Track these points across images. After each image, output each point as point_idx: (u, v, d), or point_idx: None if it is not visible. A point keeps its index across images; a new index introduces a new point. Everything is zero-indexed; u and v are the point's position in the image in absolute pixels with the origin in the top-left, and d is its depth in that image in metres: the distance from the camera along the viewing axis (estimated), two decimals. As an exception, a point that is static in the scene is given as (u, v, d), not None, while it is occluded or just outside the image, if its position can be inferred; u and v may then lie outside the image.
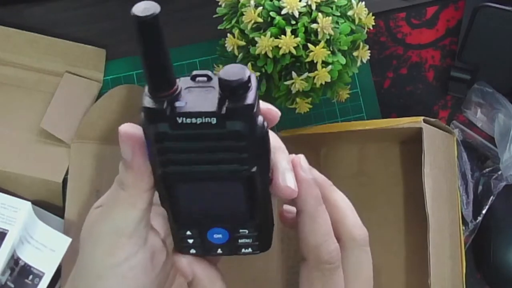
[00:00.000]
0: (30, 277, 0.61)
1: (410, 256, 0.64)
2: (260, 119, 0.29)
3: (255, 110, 0.28)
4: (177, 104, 0.28)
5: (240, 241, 0.33)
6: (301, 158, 0.34)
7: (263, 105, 0.31)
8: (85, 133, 0.68)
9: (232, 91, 0.27)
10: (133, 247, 0.32)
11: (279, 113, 0.32)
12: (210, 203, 0.31)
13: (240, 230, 0.32)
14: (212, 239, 0.32)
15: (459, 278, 0.58)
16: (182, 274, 0.34)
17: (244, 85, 0.28)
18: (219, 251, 0.33)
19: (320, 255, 0.33)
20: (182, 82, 0.29)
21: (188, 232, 0.32)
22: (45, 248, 0.62)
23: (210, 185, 0.30)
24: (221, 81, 0.27)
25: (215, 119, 0.28)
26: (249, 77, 0.28)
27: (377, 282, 0.66)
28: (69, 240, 0.62)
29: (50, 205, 0.66)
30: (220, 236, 0.32)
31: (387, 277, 0.65)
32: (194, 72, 0.29)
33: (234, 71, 0.27)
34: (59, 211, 0.66)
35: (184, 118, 0.28)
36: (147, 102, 0.28)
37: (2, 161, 0.66)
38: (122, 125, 0.31)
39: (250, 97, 0.28)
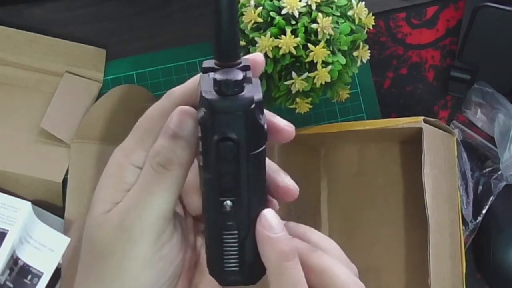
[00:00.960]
0: (29, 277, 0.61)
1: (410, 256, 0.64)
2: (264, 117, 0.31)
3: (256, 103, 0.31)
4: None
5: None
6: (267, 215, 0.31)
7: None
8: (85, 133, 0.68)
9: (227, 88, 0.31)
10: (172, 228, 0.32)
11: (262, 58, 0.33)
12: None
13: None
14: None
15: (459, 278, 0.58)
16: None
17: (239, 83, 0.31)
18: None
19: None
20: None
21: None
22: (44, 248, 0.62)
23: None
24: (216, 82, 0.31)
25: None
26: (244, 76, 0.31)
27: (377, 282, 0.66)
28: (68, 240, 0.62)
29: (50, 205, 0.66)
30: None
31: (387, 277, 0.65)
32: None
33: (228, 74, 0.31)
34: (59, 211, 0.66)
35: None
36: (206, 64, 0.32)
37: (2, 161, 0.66)
38: (181, 106, 0.32)
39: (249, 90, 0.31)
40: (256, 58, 0.33)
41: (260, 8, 0.56)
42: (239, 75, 0.30)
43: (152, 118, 0.33)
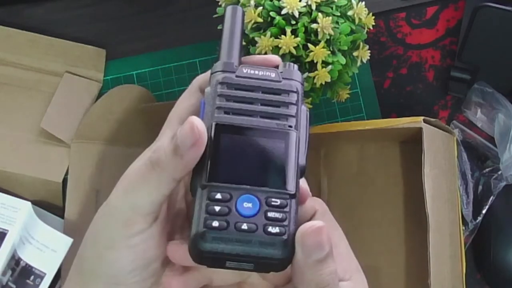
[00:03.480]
0: (32, 277, 0.61)
1: (410, 256, 0.64)
2: (304, 106, 0.35)
3: (303, 84, 0.35)
4: (243, 65, 0.35)
5: (269, 214, 0.31)
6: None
7: None
8: (85, 133, 0.68)
9: (288, 66, 0.36)
10: (147, 223, 0.33)
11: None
12: (249, 163, 0.32)
13: (272, 200, 0.32)
14: (241, 209, 0.31)
15: (459, 278, 0.58)
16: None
17: (295, 67, 0.36)
18: (244, 226, 0.31)
19: None
20: None
21: (218, 196, 0.31)
22: (46, 248, 0.62)
23: (254, 140, 0.33)
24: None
25: (274, 73, 0.35)
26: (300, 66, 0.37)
27: (377, 282, 0.66)
28: (71, 240, 0.62)
29: (50, 205, 0.66)
30: (250, 205, 0.31)
31: (387, 277, 0.65)
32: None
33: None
34: (59, 211, 0.66)
35: (248, 69, 0.34)
36: (221, 59, 0.36)
37: (2, 161, 0.66)
38: (192, 117, 0.32)
39: (300, 75, 0.36)
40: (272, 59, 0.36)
41: (260, 8, 0.56)
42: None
43: (180, 102, 0.36)
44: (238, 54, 0.36)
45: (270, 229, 0.31)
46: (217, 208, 0.31)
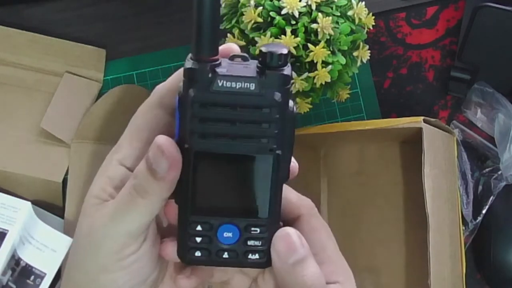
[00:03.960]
0: (32, 277, 0.61)
1: (410, 256, 0.64)
2: (291, 102, 0.30)
3: (290, 85, 0.30)
4: (218, 69, 0.30)
5: (249, 242, 0.32)
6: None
7: None
8: (85, 133, 0.68)
9: (272, 59, 0.29)
10: (139, 244, 0.33)
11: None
12: (228, 191, 0.32)
13: (252, 229, 0.32)
14: (222, 239, 0.32)
15: (459, 278, 0.58)
16: None
17: (284, 57, 0.29)
18: (226, 255, 0.33)
19: None
20: (222, 60, 0.30)
21: (199, 228, 0.32)
22: (46, 248, 0.62)
23: (234, 167, 0.31)
24: (262, 53, 0.29)
25: (253, 84, 0.29)
26: (288, 52, 0.30)
27: (377, 282, 0.66)
28: (70, 240, 0.62)
29: (50, 205, 0.66)
30: (230, 235, 0.32)
31: (387, 277, 0.65)
32: (232, 54, 0.31)
33: (275, 46, 0.30)
34: (59, 211, 0.66)
35: (224, 81, 0.29)
36: (190, 64, 0.30)
37: (2, 161, 0.66)
38: (159, 137, 0.31)
39: (287, 70, 0.30)
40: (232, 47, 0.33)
41: (260, 8, 0.56)
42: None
43: (139, 115, 0.34)
44: (212, 44, 0.30)
45: (250, 255, 0.33)
46: (198, 240, 0.32)
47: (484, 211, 0.67)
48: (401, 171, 0.66)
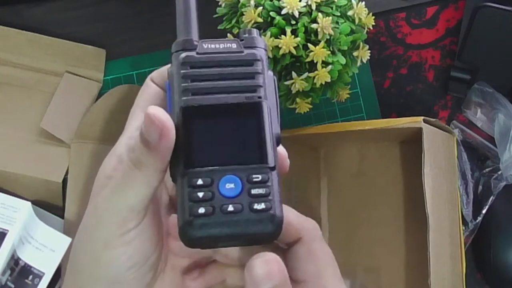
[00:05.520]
0: (30, 277, 0.61)
1: (410, 256, 0.64)
2: (270, 70, 0.34)
3: (266, 50, 0.34)
4: (203, 40, 0.34)
5: (253, 191, 0.31)
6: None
7: None
8: (85, 133, 0.68)
9: (245, 32, 0.34)
10: (141, 218, 0.33)
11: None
12: (224, 142, 0.32)
13: (253, 177, 0.31)
14: (224, 191, 0.31)
15: (459, 278, 0.58)
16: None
17: (256, 33, 0.35)
18: (231, 208, 0.31)
19: None
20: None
21: (200, 181, 0.31)
22: (45, 248, 0.62)
23: (226, 118, 0.32)
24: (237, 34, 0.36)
25: (235, 44, 0.33)
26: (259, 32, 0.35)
27: (377, 282, 0.66)
28: (69, 240, 0.62)
29: (50, 205, 0.66)
30: (232, 186, 0.31)
31: (387, 277, 0.65)
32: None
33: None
34: (59, 211, 0.66)
35: (209, 44, 0.34)
36: (179, 38, 0.34)
37: (2, 161, 0.66)
38: (150, 107, 0.31)
39: (262, 41, 0.35)
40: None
41: (260, 8, 0.56)
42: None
43: (136, 105, 0.36)
44: (196, 29, 0.35)
45: (256, 206, 0.31)
46: (200, 194, 0.31)
47: (484, 211, 0.67)
48: (401, 171, 0.66)
